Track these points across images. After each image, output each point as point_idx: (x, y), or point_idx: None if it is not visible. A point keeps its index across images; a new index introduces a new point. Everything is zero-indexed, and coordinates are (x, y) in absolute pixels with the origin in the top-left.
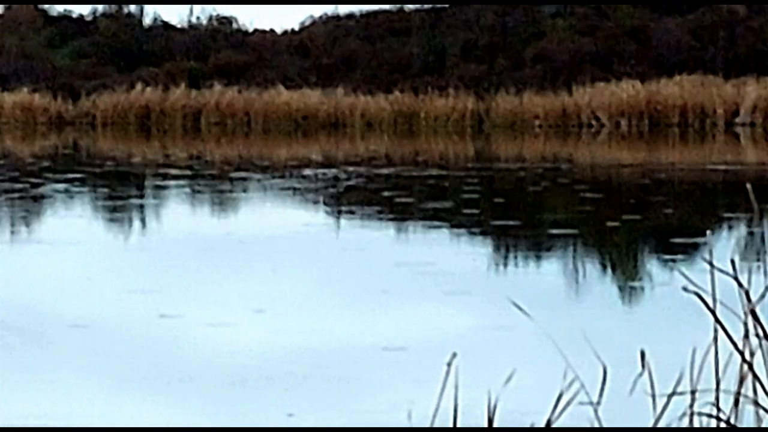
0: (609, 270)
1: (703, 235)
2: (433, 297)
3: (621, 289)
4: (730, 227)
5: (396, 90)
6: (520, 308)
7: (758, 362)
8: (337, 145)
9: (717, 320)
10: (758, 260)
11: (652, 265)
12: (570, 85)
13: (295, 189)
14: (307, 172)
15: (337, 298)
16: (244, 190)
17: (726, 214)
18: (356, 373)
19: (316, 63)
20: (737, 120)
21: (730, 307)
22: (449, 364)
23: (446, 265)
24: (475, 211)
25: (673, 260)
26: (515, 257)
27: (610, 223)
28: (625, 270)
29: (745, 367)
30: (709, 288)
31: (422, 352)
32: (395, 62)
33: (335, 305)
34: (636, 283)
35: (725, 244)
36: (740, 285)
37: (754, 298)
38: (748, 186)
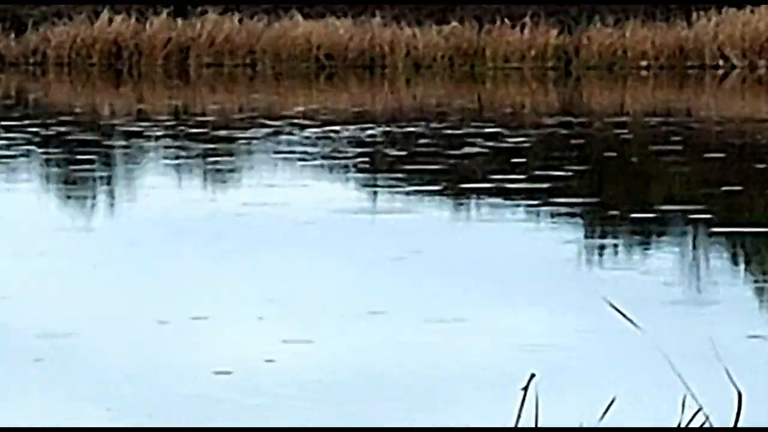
0: (741, 264)
1: None
2: (506, 297)
3: (758, 291)
4: None
5: (453, 20)
6: (621, 313)
7: None
8: (373, 93)
9: None
10: None
11: None
12: (688, 13)
13: (314, 154)
14: (332, 130)
15: (381, 299)
16: (247, 156)
17: None
18: (409, 392)
19: None
20: None
21: None
22: (526, 389)
23: (523, 257)
24: (559, 184)
25: None
26: (615, 246)
27: (742, 201)
28: (764, 264)
29: None
30: None
31: (494, 368)
32: None
33: (379, 310)
34: None
35: None
36: None
37: None
38: None
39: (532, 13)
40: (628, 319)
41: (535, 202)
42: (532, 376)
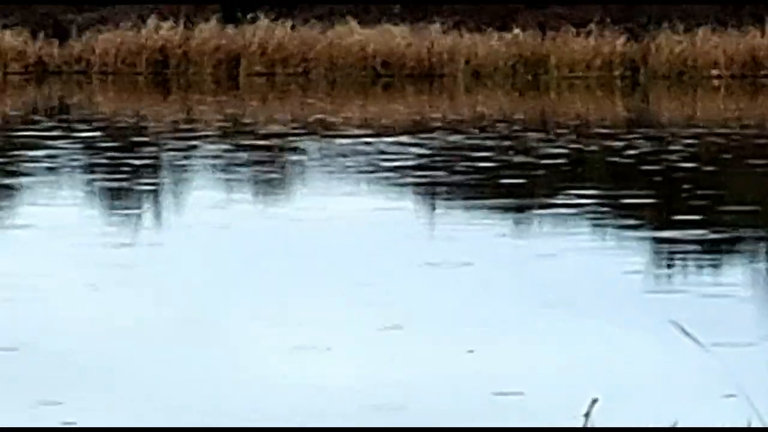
0: None
1: None
2: (568, 320)
3: None
4: None
5: (515, 26)
6: (688, 335)
7: None
8: (432, 103)
9: None
10: None
11: None
12: (761, 19)
13: (371, 168)
14: (388, 141)
15: (445, 315)
16: (301, 168)
17: None
18: (481, 407)
19: None
20: None
21: None
22: (588, 415)
23: (588, 279)
24: (626, 200)
25: None
26: (684, 267)
27: None
28: None
29: None
30: None
31: (559, 386)
32: None
33: (441, 326)
34: None
35: None
36: None
37: None
38: None
39: (597, 19)
40: (693, 339)
41: (602, 219)
42: (595, 401)
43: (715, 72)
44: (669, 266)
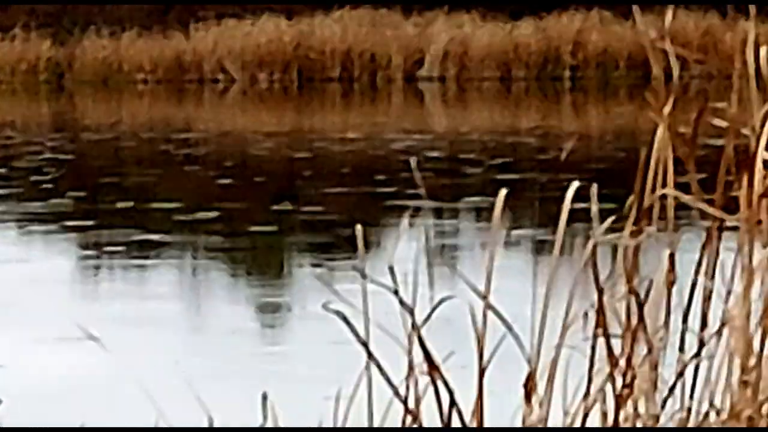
0: (237, 289)
1: (372, 233)
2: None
3: (257, 312)
4: (404, 220)
5: None
6: (93, 338)
7: (428, 406)
8: None
9: (368, 350)
10: (432, 264)
11: (301, 276)
12: (186, 24)
13: None
14: None
15: None
16: None
17: (398, 203)
18: None
19: None
20: (421, 72)
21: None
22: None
23: (14, 287)
24: (52, 207)
25: (331, 268)
26: (110, 271)
27: (244, 221)
28: (261, 283)
29: (409, 416)
30: (383, 305)
31: None
32: None
33: None
34: (276, 306)
35: (393, 245)
36: (402, 302)
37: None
38: (413, 162)
39: (23, 23)
40: (96, 340)
41: (25, 226)
42: None
43: (140, 76)
44: (95, 270)
